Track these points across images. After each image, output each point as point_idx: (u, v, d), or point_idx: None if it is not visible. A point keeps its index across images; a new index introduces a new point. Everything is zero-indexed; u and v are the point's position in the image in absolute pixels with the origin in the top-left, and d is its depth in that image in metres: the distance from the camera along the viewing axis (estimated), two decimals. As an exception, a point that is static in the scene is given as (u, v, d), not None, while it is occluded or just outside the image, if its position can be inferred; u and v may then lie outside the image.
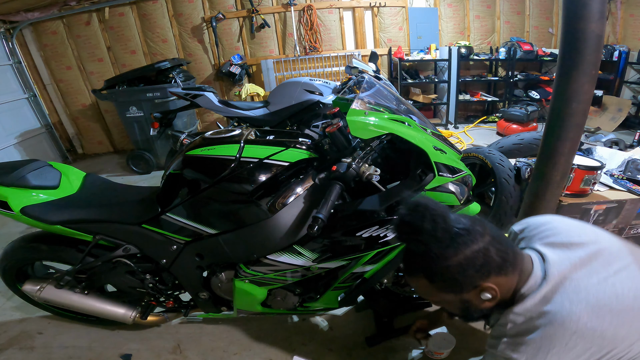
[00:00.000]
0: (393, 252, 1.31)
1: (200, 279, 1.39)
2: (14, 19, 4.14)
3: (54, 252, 1.44)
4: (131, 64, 4.52)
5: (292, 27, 4.49)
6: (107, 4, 4.27)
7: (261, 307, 1.42)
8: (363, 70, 3.13)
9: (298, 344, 1.61)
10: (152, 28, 4.45)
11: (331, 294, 1.38)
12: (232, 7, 4.42)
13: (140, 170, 3.98)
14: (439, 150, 1.19)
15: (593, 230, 0.87)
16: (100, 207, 1.36)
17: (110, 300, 1.54)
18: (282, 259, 1.23)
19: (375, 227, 1.18)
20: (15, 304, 1.92)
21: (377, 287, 1.58)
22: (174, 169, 1.24)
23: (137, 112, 3.74)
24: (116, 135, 4.94)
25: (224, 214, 1.21)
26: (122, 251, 1.34)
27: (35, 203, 1.32)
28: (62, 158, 4.84)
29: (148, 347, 1.64)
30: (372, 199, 1.19)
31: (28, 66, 4.50)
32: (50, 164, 1.51)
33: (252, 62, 4.67)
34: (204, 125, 4.97)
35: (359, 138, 1.14)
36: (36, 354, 1.64)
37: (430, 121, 1.36)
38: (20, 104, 4.44)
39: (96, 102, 4.71)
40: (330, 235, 1.20)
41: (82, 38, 4.45)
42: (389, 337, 1.57)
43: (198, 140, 1.25)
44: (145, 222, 1.28)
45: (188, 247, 1.29)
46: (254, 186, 1.12)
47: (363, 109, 1.14)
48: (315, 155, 1.19)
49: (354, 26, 4.67)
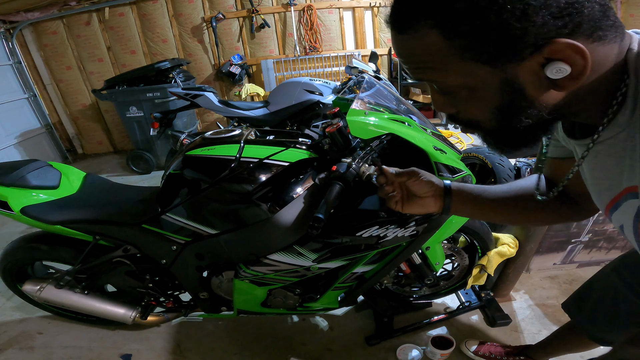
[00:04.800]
0: (393, 252, 1.31)
1: (200, 279, 1.39)
2: (14, 19, 4.14)
3: (54, 252, 1.44)
4: (131, 64, 4.51)
5: (292, 27, 4.49)
6: (107, 4, 4.26)
7: (261, 307, 1.42)
8: (363, 70, 3.12)
9: (298, 344, 1.61)
10: (152, 28, 4.45)
11: (331, 294, 1.38)
12: (232, 7, 4.41)
13: (140, 170, 3.98)
14: (439, 150, 1.19)
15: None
16: (100, 207, 1.36)
17: (110, 300, 1.54)
18: (282, 259, 1.23)
19: (376, 227, 1.18)
20: (15, 304, 1.92)
21: (377, 287, 1.58)
22: (174, 169, 1.24)
23: (137, 112, 3.73)
24: (116, 135, 4.94)
25: (223, 214, 1.21)
26: (122, 251, 1.35)
27: (35, 203, 1.33)
28: (62, 158, 4.84)
29: (148, 347, 1.64)
30: (372, 199, 1.19)
31: (28, 66, 4.50)
32: (50, 164, 1.51)
33: (252, 62, 4.66)
34: (204, 125, 4.97)
35: (359, 138, 1.14)
36: (36, 354, 1.63)
37: (430, 121, 1.36)
38: (20, 104, 4.44)
39: (96, 102, 4.71)
40: (330, 235, 1.20)
41: (82, 38, 4.45)
42: (389, 337, 1.57)
43: (198, 140, 1.25)
44: (145, 222, 1.28)
45: (188, 247, 1.29)
46: (254, 186, 1.12)
47: (363, 109, 1.14)
48: (315, 155, 1.19)
49: (354, 26, 4.66)
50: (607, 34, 0.40)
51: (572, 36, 0.38)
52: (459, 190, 0.78)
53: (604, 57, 0.41)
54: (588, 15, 0.38)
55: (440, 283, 1.60)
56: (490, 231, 1.57)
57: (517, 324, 1.62)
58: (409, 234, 1.21)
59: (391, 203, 0.80)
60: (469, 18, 0.38)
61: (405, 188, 0.80)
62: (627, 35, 0.44)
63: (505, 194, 0.77)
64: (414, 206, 0.79)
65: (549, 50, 0.38)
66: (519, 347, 1.42)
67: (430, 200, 0.78)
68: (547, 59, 0.39)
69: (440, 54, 0.41)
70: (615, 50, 0.42)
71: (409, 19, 0.42)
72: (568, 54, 0.38)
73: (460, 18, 0.38)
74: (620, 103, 0.43)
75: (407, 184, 0.78)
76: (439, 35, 0.40)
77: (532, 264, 1.89)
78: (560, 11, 0.36)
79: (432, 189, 0.77)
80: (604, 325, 1.02)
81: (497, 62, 0.40)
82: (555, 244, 1.83)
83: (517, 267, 1.66)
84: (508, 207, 0.76)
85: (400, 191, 0.79)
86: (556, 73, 0.39)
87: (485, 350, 1.44)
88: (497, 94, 0.43)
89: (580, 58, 0.38)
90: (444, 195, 0.77)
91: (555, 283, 1.84)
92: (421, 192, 0.77)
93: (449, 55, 0.41)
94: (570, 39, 0.38)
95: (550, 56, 0.39)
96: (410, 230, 1.20)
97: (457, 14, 0.38)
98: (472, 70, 0.42)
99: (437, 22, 0.39)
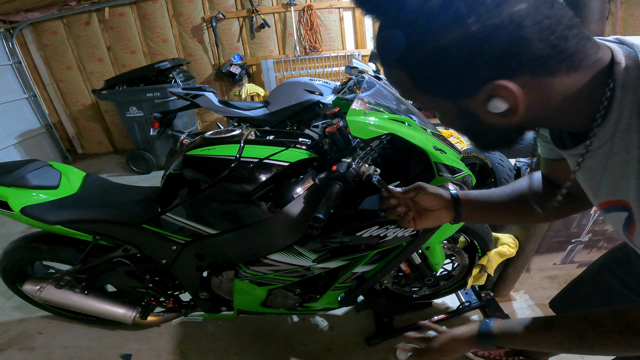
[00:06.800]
0: (393, 252, 1.31)
1: (200, 279, 1.39)
2: (14, 19, 4.14)
3: (54, 252, 1.44)
4: (131, 64, 4.51)
5: (292, 27, 4.49)
6: (107, 4, 4.26)
7: (261, 307, 1.42)
8: (363, 70, 3.12)
9: (298, 344, 1.61)
10: (152, 28, 4.45)
11: (331, 294, 1.38)
12: (232, 7, 4.41)
13: (140, 170, 3.98)
14: (439, 150, 1.19)
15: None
16: (100, 207, 1.36)
17: (110, 300, 1.54)
18: (282, 259, 1.23)
19: (376, 227, 1.18)
20: (15, 304, 1.92)
21: (377, 287, 1.58)
22: (174, 169, 1.24)
23: (137, 112, 3.74)
24: (116, 135, 4.94)
25: (223, 214, 1.21)
26: (122, 251, 1.35)
27: (35, 203, 1.33)
28: (62, 158, 4.84)
29: (148, 347, 1.64)
30: (372, 199, 1.19)
31: (28, 66, 4.50)
32: (50, 164, 1.51)
33: (252, 62, 4.67)
34: (204, 125, 4.97)
35: (359, 138, 1.14)
36: (36, 354, 1.63)
37: (430, 121, 1.36)
38: (20, 104, 4.45)
39: (96, 102, 4.71)
40: (330, 235, 1.20)
41: (82, 38, 4.45)
42: (389, 337, 1.57)
43: (198, 140, 1.25)
44: (145, 222, 1.28)
45: (188, 247, 1.29)
46: (254, 186, 1.12)
47: (363, 109, 1.14)
48: (315, 155, 1.19)
49: (354, 26, 4.66)
50: (559, 68, 0.43)
51: (513, 77, 0.43)
52: (466, 198, 0.80)
53: (566, 85, 0.45)
54: (529, 58, 0.42)
55: (440, 283, 1.60)
56: (490, 231, 1.57)
57: (517, 324, 1.62)
58: (409, 234, 1.21)
59: (404, 222, 0.81)
60: (423, 67, 0.46)
61: (414, 205, 0.81)
62: (603, 50, 0.46)
63: (509, 197, 0.79)
64: (427, 220, 0.80)
65: (485, 90, 0.45)
66: (519, 347, 1.42)
67: (442, 212, 0.80)
68: (487, 97, 0.45)
69: (410, 88, 0.51)
70: (581, 75, 0.45)
71: (386, 59, 0.50)
72: (502, 93, 0.44)
73: (417, 65, 0.46)
74: (603, 116, 0.46)
75: (416, 200, 0.80)
76: (406, 76, 0.49)
77: (532, 264, 1.89)
78: (497, 59, 0.42)
79: (442, 201, 0.79)
80: None
81: (451, 97, 0.49)
82: (555, 244, 1.83)
83: (517, 267, 1.66)
84: (513, 209, 0.78)
85: (410, 208, 0.81)
86: (495, 109, 0.46)
87: (485, 350, 1.44)
88: (460, 119, 0.52)
89: (511, 96, 0.44)
90: (454, 205, 0.79)
91: (555, 283, 1.84)
92: (432, 205, 0.79)
93: (416, 89, 0.50)
94: (510, 79, 0.43)
95: (488, 94, 0.45)
96: (410, 230, 1.20)
97: (413, 63, 0.46)
98: (435, 101, 0.51)
99: (402, 66, 0.48)
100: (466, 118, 0.51)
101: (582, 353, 0.57)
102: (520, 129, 0.53)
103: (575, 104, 0.47)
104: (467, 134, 0.56)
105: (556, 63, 0.43)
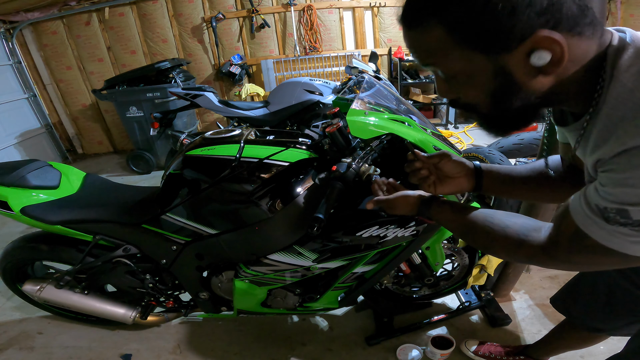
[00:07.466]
0: (393, 252, 1.31)
1: (200, 279, 1.39)
2: (14, 19, 4.14)
3: (54, 252, 1.44)
4: (131, 64, 4.51)
5: (292, 27, 4.49)
6: (107, 4, 4.26)
7: (261, 307, 1.42)
8: (363, 70, 3.12)
9: (298, 344, 1.61)
10: (152, 28, 4.45)
11: (331, 294, 1.38)
12: (232, 7, 4.41)
13: (140, 170, 3.98)
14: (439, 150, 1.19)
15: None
16: (100, 207, 1.36)
17: (110, 300, 1.54)
18: (282, 259, 1.23)
19: (375, 227, 1.18)
20: (15, 304, 1.92)
21: (377, 287, 1.58)
22: (174, 169, 1.24)
23: (137, 112, 3.74)
24: (116, 135, 4.94)
25: (224, 214, 1.21)
26: (122, 251, 1.34)
27: (35, 203, 1.33)
28: (62, 158, 4.84)
29: (148, 347, 1.64)
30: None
31: (28, 66, 4.50)
32: (50, 164, 1.51)
33: (252, 62, 4.67)
34: (204, 125, 4.97)
35: (359, 138, 1.14)
36: (36, 354, 1.64)
37: (430, 121, 1.36)
38: (20, 104, 4.45)
39: (96, 102, 4.71)
40: (330, 235, 1.20)
41: (82, 38, 4.45)
42: (389, 337, 1.57)
43: (198, 140, 1.25)
44: (145, 222, 1.28)
45: (188, 247, 1.29)
46: (254, 186, 1.12)
47: (363, 109, 1.14)
48: (315, 155, 1.19)
49: (354, 26, 4.66)
50: (584, 31, 0.46)
51: (553, 30, 0.44)
52: (488, 170, 0.84)
53: (583, 50, 0.48)
54: (566, 13, 0.44)
55: (440, 283, 1.60)
56: (490, 231, 1.56)
57: (517, 324, 1.62)
58: (409, 234, 1.21)
59: (425, 186, 0.84)
60: (467, 16, 0.46)
61: (436, 171, 0.84)
62: (608, 32, 0.50)
63: (528, 173, 0.83)
64: (448, 186, 0.83)
65: (531, 40, 0.45)
66: (519, 347, 1.42)
67: (462, 180, 0.83)
68: (531, 49, 0.46)
69: (444, 45, 0.49)
70: (593, 46, 0.48)
71: (418, 17, 0.50)
72: (548, 43, 0.45)
73: (460, 16, 0.46)
74: (600, 94, 0.49)
75: (439, 166, 0.82)
76: (443, 30, 0.48)
77: (532, 264, 1.89)
78: (543, 10, 0.43)
79: (465, 169, 0.82)
80: (600, 314, 1.02)
81: (490, 51, 0.48)
82: (555, 244, 1.82)
83: (517, 267, 1.66)
84: (531, 185, 0.82)
85: (432, 174, 0.84)
86: (538, 60, 0.46)
87: (485, 350, 1.44)
88: (491, 79, 0.50)
89: (557, 46, 0.44)
90: (476, 175, 0.83)
91: (555, 283, 1.84)
92: (454, 173, 0.82)
93: (450, 46, 0.49)
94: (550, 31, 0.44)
95: (533, 46, 0.45)
96: (410, 230, 1.20)
97: (457, 14, 0.46)
98: (470, 58, 0.49)
99: (442, 19, 0.47)
100: (500, 77, 0.49)
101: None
102: (538, 105, 0.53)
103: (586, 76, 0.49)
104: (491, 101, 0.53)
105: (583, 25, 0.46)
